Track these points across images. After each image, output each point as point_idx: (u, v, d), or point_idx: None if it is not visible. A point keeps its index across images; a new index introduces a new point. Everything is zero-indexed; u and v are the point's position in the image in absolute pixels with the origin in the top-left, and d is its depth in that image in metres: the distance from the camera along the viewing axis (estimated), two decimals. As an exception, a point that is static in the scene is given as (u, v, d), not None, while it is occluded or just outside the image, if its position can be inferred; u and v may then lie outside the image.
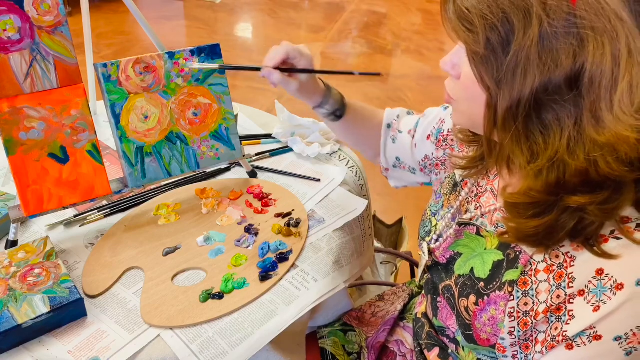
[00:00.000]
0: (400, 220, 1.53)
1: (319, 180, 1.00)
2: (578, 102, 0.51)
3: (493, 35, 0.51)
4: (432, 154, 0.84)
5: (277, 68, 0.78)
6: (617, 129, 0.49)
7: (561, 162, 0.52)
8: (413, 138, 0.88)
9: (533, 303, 0.59)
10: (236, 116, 1.13)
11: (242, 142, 1.04)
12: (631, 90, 0.49)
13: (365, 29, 3.93)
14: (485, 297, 0.63)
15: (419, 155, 0.87)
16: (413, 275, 1.28)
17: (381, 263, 1.38)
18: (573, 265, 0.56)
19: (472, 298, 0.65)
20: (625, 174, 0.51)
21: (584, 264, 0.55)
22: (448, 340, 0.76)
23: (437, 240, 0.74)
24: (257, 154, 1.07)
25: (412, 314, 0.92)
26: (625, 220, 0.55)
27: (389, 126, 0.91)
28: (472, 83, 0.56)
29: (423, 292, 0.90)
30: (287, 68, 0.79)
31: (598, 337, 0.55)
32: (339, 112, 0.87)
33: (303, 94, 0.83)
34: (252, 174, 1.00)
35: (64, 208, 0.82)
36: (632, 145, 0.49)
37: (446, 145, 0.82)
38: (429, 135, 0.84)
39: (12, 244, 0.82)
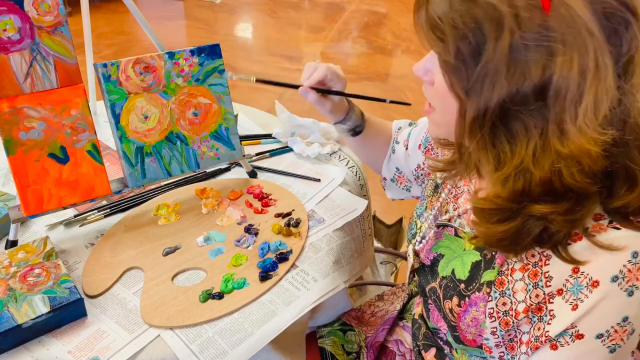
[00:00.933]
0: (400, 220, 1.54)
1: (319, 180, 1.00)
2: (544, 113, 0.51)
3: (464, 46, 0.51)
4: (423, 162, 0.85)
5: (312, 88, 0.82)
6: (580, 142, 0.50)
7: (527, 171, 0.52)
8: (407, 149, 0.89)
9: (511, 302, 0.59)
10: (236, 116, 1.13)
11: (242, 142, 1.04)
12: (596, 104, 0.49)
13: (365, 29, 3.93)
14: (467, 299, 0.63)
15: (412, 165, 0.88)
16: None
17: (381, 263, 1.38)
18: (548, 264, 0.56)
19: (455, 300, 0.65)
20: (587, 185, 0.51)
21: (559, 262, 0.55)
22: (442, 342, 0.77)
23: (420, 242, 0.74)
24: (257, 154, 1.07)
25: (411, 314, 0.92)
26: (598, 217, 0.55)
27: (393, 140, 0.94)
28: (444, 92, 0.56)
29: (421, 292, 0.91)
30: (322, 89, 0.82)
31: (580, 336, 0.55)
32: (358, 128, 0.90)
33: (333, 112, 0.86)
34: (252, 174, 1.00)
35: (64, 208, 0.82)
36: (594, 158, 0.50)
37: (434, 153, 0.82)
38: (420, 144, 0.86)
39: (12, 244, 0.82)
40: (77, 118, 0.81)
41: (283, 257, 0.82)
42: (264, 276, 0.78)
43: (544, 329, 0.57)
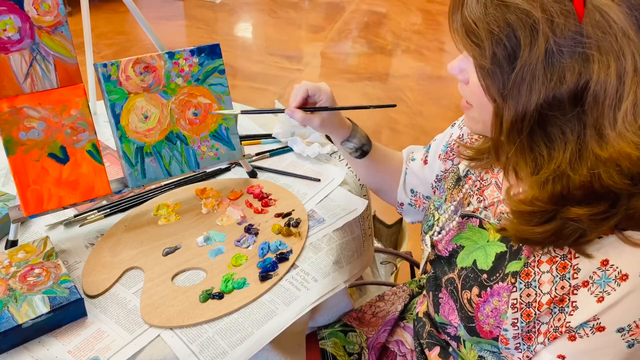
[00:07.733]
0: (400, 220, 1.53)
1: (319, 180, 1.00)
2: (581, 117, 0.51)
3: (499, 50, 0.52)
4: (441, 170, 0.85)
5: (300, 108, 0.81)
6: (620, 145, 0.50)
7: (564, 174, 0.53)
8: (425, 163, 0.89)
9: (536, 294, 0.59)
10: (236, 116, 1.13)
11: (242, 142, 1.04)
12: (635, 108, 0.49)
13: (365, 29, 3.93)
14: (488, 289, 0.64)
15: (430, 178, 0.87)
16: (413, 275, 1.28)
17: (381, 263, 1.38)
18: (578, 257, 0.56)
19: (475, 290, 0.65)
20: (627, 187, 0.51)
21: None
22: (449, 338, 0.77)
23: (439, 233, 0.74)
24: (257, 154, 1.07)
25: (412, 314, 0.92)
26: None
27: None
28: (480, 91, 0.56)
29: (424, 292, 0.90)
30: (308, 107, 0.82)
31: (601, 329, 0.55)
32: (365, 147, 0.88)
33: (327, 128, 0.85)
34: (252, 174, 1.00)
35: (64, 208, 0.82)
36: (634, 161, 0.50)
37: (453, 155, 0.82)
38: (440, 154, 0.85)
39: (12, 244, 0.82)
40: (77, 118, 0.81)
41: (283, 257, 0.82)
42: (264, 276, 0.78)
43: (564, 319, 0.57)
